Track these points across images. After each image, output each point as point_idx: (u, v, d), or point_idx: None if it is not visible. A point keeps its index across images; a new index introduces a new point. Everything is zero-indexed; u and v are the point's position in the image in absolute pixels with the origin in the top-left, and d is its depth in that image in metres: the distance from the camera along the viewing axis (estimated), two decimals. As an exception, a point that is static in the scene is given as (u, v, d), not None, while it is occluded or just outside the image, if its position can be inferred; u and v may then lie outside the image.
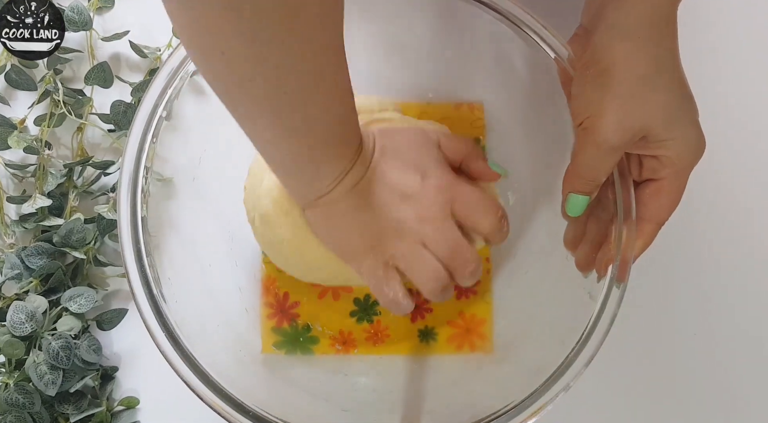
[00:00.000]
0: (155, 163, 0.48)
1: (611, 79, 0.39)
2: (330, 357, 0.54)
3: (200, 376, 0.44)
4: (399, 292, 0.45)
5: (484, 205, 0.45)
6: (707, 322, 0.56)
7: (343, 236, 0.45)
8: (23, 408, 0.50)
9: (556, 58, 0.47)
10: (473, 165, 0.47)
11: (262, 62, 0.32)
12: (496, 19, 0.49)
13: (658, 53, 0.40)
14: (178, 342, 0.44)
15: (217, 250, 0.52)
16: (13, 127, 0.56)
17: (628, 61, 0.39)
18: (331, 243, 0.47)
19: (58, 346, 0.50)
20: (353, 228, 0.44)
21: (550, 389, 0.44)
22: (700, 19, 0.60)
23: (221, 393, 0.44)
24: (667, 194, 0.43)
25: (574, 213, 0.44)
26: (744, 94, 0.60)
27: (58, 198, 0.55)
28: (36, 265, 0.52)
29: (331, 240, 0.46)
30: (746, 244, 0.57)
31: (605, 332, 0.44)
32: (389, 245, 0.44)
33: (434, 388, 0.52)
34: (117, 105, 0.56)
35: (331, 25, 0.34)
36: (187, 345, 0.44)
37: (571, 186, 0.44)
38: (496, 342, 0.54)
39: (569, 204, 0.44)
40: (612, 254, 0.44)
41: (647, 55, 0.39)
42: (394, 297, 0.45)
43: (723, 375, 0.55)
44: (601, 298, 0.44)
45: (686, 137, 0.41)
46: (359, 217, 0.44)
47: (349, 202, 0.43)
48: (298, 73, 0.34)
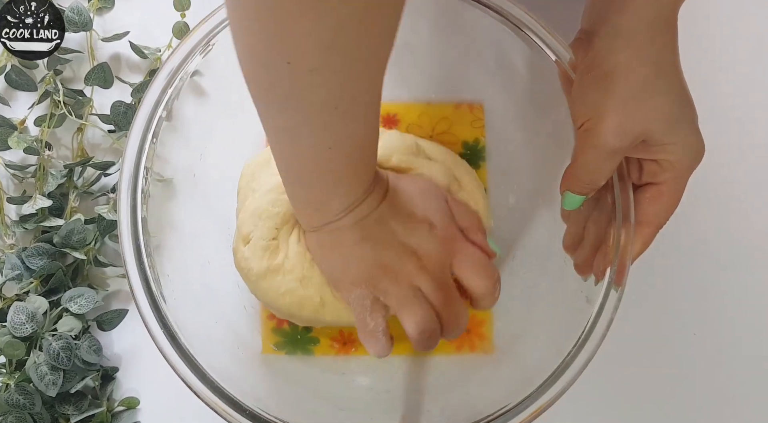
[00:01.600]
0: (155, 164, 0.48)
1: (612, 83, 0.39)
2: (330, 357, 0.54)
3: (200, 376, 0.44)
4: (381, 325, 0.45)
5: (483, 267, 0.46)
6: (706, 323, 0.56)
7: (339, 264, 0.46)
8: (24, 408, 0.50)
9: (557, 60, 0.47)
10: (473, 237, 0.47)
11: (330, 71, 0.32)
12: (497, 20, 0.49)
13: (659, 57, 0.40)
14: (178, 342, 0.44)
15: (217, 249, 0.52)
16: (14, 128, 0.56)
17: (630, 65, 0.39)
18: (325, 267, 0.48)
19: (58, 346, 0.50)
20: (352, 258, 0.45)
21: (549, 391, 0.44)
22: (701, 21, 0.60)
23: (221, 393, 0.44)
24: (666, 198, 0.44)
25: (570, 207, 0.45)
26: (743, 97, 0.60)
27: (58, 199, 0.55)
28: (36, 266, 0.52)
29: (326, 265, 0.47)
30: (745, 244, 0.57)
31: (603, 334, 0.44)
32: (385, 282, 0.45)
33: (433, 389, 0.52)
34: (117, 105, 0.56)
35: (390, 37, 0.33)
36: (187, 345, 0.44)
37: (568, 186, 0.44)
38: (496, 343, 0.54)
39: (566, 200, 0.44)
40: (610, 257, 0.45)
41: (648, 59, 0.39)
42: (374, 328, 0.45)
43: (722, 375, 0.55)
44: (598, 301, 0.44)
45: (686, 142, 0.41)
46: (361, 249, 0.44)
47: (354, 234, 0.44)
48: (361, 86, 0.34)
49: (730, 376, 0.55)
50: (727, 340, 0.56)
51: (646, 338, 0.55)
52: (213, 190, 0.53)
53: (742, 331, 0.56)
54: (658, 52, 0.40)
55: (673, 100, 0.40)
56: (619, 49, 0.40)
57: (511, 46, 0.49)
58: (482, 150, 0.57)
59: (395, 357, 0.54)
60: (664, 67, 0.40)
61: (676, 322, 0.56)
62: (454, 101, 0.57)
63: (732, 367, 0.56)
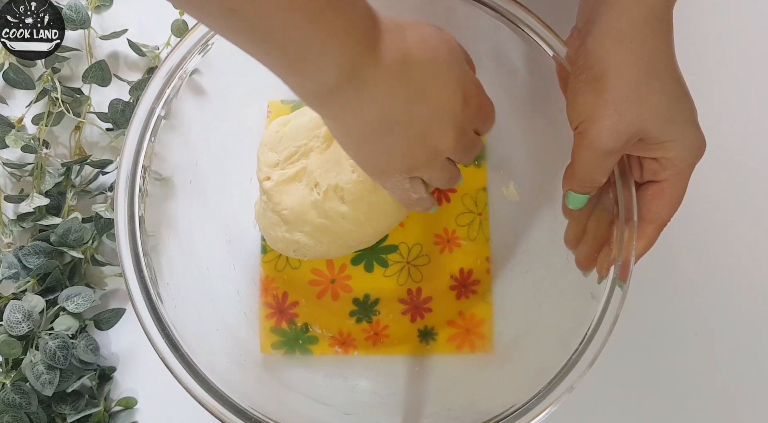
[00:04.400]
0: (153, 162, 0.47)
1: (604, 85, 0.39)
2: (329, 358, 0.53)
3: (198, 379, 0.43)
4: (424, 193, 0.45)
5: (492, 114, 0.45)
6: (709, 322, 0.56)
7: (370, 156, 0.42)
8: (20, 408, 0.49)
9: (555, 56, 0.47)
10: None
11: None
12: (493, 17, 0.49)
13: (651, 56, 0.39)
14: (175, 343, 0.44)
15: (214, 248, 0.51)
16: (11, 126, 0.56)
17: (620, 66, 0.39)
18: (359, 159, 0.43)
19: (55, 345, 0.50)
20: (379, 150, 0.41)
21: (554, 391, 0.43)
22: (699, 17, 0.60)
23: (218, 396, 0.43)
24: (668, 195, 0.43)
25: (575, 206, 0.45)
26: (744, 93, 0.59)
27: (55, 197, 0.55)
28: (33, 265, 0.52)
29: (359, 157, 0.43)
30: (747, 243, 0.57)
31: (608, 333, 0.43)
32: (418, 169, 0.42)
33: (435, 391, 0.52)
34: (115, 104, 0.56)
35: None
36: (184, 346, 0.44)
37: (569, 186, 0.44)
38: (498, 343, 0.53)
39: (569, 199, 0.44)
40: (614, 255, 0.44)
41: (640, 59, 0.39)
42: (418, 198, 0.45)
43: (725, 374, 0.55)
44: (603, 299, 0.44)
45: (685, 138, 0.41)
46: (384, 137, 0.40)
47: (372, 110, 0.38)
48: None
49: (733, 375, 0.55)
50: (729, 340, 0.56)
51: (648, 338, 0.55)
52: (211, 189, 0.53)
53: (744, 331, 0.56)
54: (650, 51, 0.39)
55: (667, 97, 0.40)
56: (609, 50, 0.39)
57: (509, 43, 0.49)
58: (482, 148, 0.56)
59: (395, 359, 0.54)
60: (657, 66, 0.39)
61: (678, 322, 0.56)
62: (453, 100, 0.57)
63: (737, 365, 0.55)
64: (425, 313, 0.55)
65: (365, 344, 0.54)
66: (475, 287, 0.55)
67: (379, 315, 0.55)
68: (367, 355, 0.54)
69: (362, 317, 0.55)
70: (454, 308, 0.55)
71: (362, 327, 0.54)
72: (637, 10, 0.39)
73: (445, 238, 0.56)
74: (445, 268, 0.55)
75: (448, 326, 0.54)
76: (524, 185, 0.54)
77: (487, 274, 0.55)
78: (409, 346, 0.54)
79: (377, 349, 0.54)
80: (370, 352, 0.54)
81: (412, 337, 0.54)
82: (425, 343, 0.54)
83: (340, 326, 0.54)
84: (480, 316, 0.54)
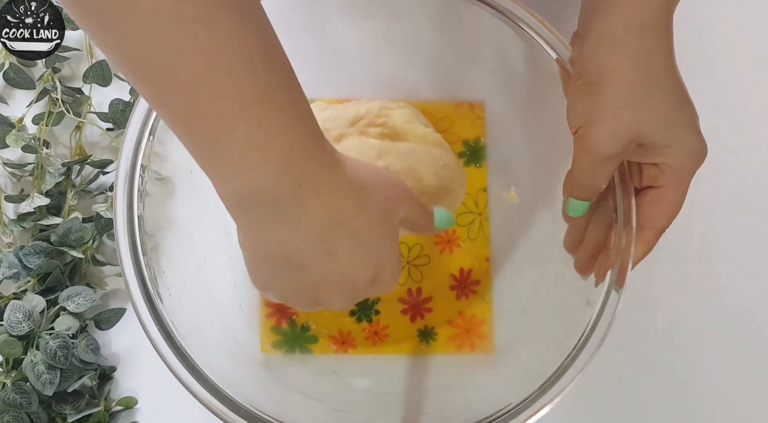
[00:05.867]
0: (153, 162, 0.47)
1: (602, 91, 0.39)
2: (329, 357, 0.53)
3: (198, 378, 0.43)
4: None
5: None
6: (707, 322, 0.56)
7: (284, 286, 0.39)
8: (20, 408, 0.49)
9: (558, 58, 0.47)
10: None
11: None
12: (497, 18, 0.48)
13: (648, 61, 0.39)
14: (175, 343, 0.44)
15: (214, 248, 0.51)
16: (12, 126, 0.56)
17: (616, 73, 0.39)
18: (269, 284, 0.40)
19: (55, 345, 0.50)
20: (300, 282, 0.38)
21: (548, 392, 0.43)
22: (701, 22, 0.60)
23: (219, 394, 0.43)
24: (667, 202, 0.43)
25: (575, 214, 0.44)
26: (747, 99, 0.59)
27: (56, 197, 0.55)
28: (34, 264, 0.52)
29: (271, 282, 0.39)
30: (746, 244, 0.57)
31: (603, 336, 0.43)
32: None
33: (433, 390, 0.52)
34: (115, 103, 0.56)
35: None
36: (184, 345, 0.44)
37: (570, 192, 0.43)
38: (496, 343, 0.53)
39: (569, 206, 0.44)
40: (611, 260, 0.44)
41: (637, 64, 0.38)
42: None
43: (723, 375, 0.55)
44: (599, 303, 0.44)
45: (684, 144, 0.40)
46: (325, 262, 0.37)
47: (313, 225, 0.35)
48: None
49: (731, 377, 0.55)
50: (728, 342, 0.56)
51: (646, 338, 0.55)
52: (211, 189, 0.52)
53: (743, 332, 0.56)
54: (647, 56, 0.39)
55: (666, 102, 0.39)
56: (606, 56, 0.39)
57: (512, 45, 0.49)
58: (483, 149, 0.56)
59: (394, 359, 0.54)
60: (655, 71, 0.39)
61: (677, 323, 0.56)
62: (454, 100, 0.57)
63: (733, 368, 0.55)
64: (425, 313, 0.55)
65: (365, 343, 0.54)
66: (475, 287, 0.55)
67: (379, 314, 0.55)
68: (366, 355, 0.54)
69: (362, 317, 0.55)
70: (454, 308, 0.55)
71: (362, 326, 0.54)
72: (632, 15, 0.38)
73: (445, 238, 0.56)
74: (445, 268, 0.55)
75: (448, 326, 0.54)
76: (525, 188, 0.54)
77: (487, 275, 0.55)
78: (409, 346, 0.54)
79: (377, 348, 0.54)
80: (370, 351, 0.54)
81: (412, 336, 0.54)
82: (425, 342, 0.54)
83: (340, 325, 0.54)
84: (480, 316, 0.54)
